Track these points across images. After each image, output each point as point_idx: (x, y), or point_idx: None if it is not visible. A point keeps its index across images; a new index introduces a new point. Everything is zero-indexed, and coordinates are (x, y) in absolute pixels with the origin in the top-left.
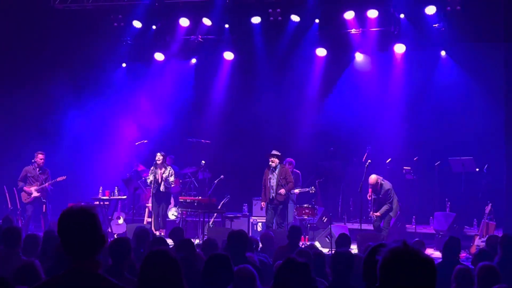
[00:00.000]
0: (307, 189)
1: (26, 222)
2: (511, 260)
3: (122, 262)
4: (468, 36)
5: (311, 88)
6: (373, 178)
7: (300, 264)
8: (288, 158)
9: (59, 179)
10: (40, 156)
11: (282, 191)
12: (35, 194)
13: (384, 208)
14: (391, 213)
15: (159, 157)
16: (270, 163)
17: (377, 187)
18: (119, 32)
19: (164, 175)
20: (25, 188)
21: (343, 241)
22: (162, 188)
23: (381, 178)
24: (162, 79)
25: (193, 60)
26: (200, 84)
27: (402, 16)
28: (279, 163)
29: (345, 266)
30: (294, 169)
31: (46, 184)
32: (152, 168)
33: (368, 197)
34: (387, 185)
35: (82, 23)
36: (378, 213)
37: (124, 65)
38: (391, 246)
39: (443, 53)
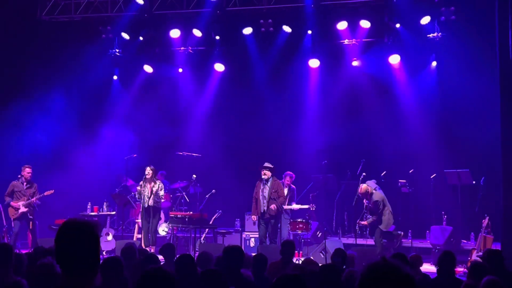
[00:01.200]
0: (307, 206)
1: (13, 239)
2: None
3: (113, 281)
4: (462, 46)
5: (304, 100)
6: (362, 187)
7: (292, 277)
8: (288, 172)
9: (46, 193)
10: (28, 169)
11: (273, 207)
12: (22, 209)
13: (370, 219)
14: (380, 226)
15: (148, 171)
16: (263, 175)
17: (367, 196)
18: (107, 43)
19: (154, 189)
20: (12, 203)
21: (339, 257)
22: (151, 202)
23: (374, 187)
24: (152, 92)
25: (180, 70)
26: (190, 97)
27: (397, 25)
28: (272, 175)
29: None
30: (291, 185)
31: (34, 198)
32: (141, 182)
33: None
34: (376, 195)
35: (70, 35)
36: (364, 222)
37: (115, 77)
38: (372, 262)
39: (434, 63)
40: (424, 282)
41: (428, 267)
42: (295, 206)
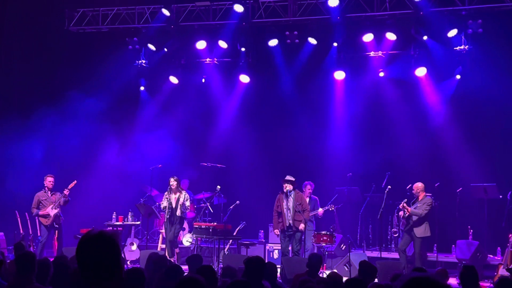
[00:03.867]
0: (326, 208)
1: (40, 247)
2: None
3: None
4: (490, 59)
5: (329, 112)
6: (419, 184)
7: None
8: (307, 181)
9: (70, 186)
10: (50, 179)
11: (302, 226)
12: (53, 212)
13: (416, 211)
14: (416, 229)
15: (172, 182)
16: (284, 188)
17: (420, 194)
18: (134, 54)
19: (180, 200)
20: (40, 212)
21: (367, 270)
22: (178, 212)
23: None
24: (177, 103)
25: (203, 80)
26: (215, 108)
27: (425, 38)
28: (294, 188)
29: None
30: (312, 195)
31: (61, 196)
32: (166, 193)
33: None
34: (430, 200)
35: (97, 46)
36: (408, 208)
37: (142, 88)
38: (413, 274)
39: (459, 76)
40: None
41: (454, 282)
42: (320, 210)
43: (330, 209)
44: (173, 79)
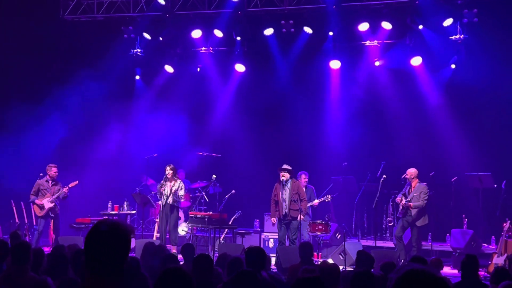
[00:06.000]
0: (322, 199)
1: (37, 237)
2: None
3: (132, 280)
4: (485, 48)
5: (324, 101)
6: (412, 170)
7: (310, 279)
8: (302, 171)
9: (71, 185)
10: (54, 169)
11: (301, 217)
12: (48, 205)
13: (418, 203)
14: (417, 222)
15: (168, 170)
16: (281, 177)
17: (413, 181)
18: (129, 43)
19: (173, 189)
20: (36, 201)
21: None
22: (170, 200)
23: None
24: (173, 92)
25: (198, 69)
26: (211, 97)
27: (420, 27)
28: (290, 177)
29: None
30: (308, 185)
31: (61, 192)
32: (162, 181)
33: (398, 201)
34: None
35: (92, 35)
36: (411, 204)
37: (137, 77)
38: (409, 266)
39: (455, 66)
40: None
41: (448, 271)
42: (316, 201)
43: (327, 200)
44: (169, 68)
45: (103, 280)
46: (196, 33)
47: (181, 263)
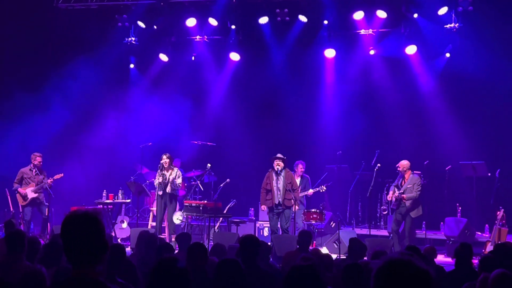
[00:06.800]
0: (317, 189)
1: (27, 226)
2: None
3: (116, 268)
4: (480, 37)
5: (319, 90)
6: (404, 162)
7: (305, 267)
8: (299, 161)
9: (56, 177)
10: (39, 158)
11: (295, 207)
12: (31, 195)
13: (412, 195)
14: (412, 213)
15: (165, 159)
16: (275, 166)
17: (406, 173)
18: (123, 32)
19: (171, 177)
20: (19, 189)
21: (357, 248)
22: (168, 189)
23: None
24: (167, 81)
25: (193, 58)
26: (205, 86)
27: (415, 16)
28: (284, 167)
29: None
30: (304, 174)
31: (44, 183)
32: (159, 170)
33: (389, 198)
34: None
35: (86, 23)
36: (404, 196)
37: (132, 66)
38: (390, 255)
39: (450, 54)
40: (439, 274)
41: (442, 259)
42: (310, 191)
43: (321, 191)
44: (163, 57)
45: (85, 269)
46: (191, 22)
47: (176, 251)
